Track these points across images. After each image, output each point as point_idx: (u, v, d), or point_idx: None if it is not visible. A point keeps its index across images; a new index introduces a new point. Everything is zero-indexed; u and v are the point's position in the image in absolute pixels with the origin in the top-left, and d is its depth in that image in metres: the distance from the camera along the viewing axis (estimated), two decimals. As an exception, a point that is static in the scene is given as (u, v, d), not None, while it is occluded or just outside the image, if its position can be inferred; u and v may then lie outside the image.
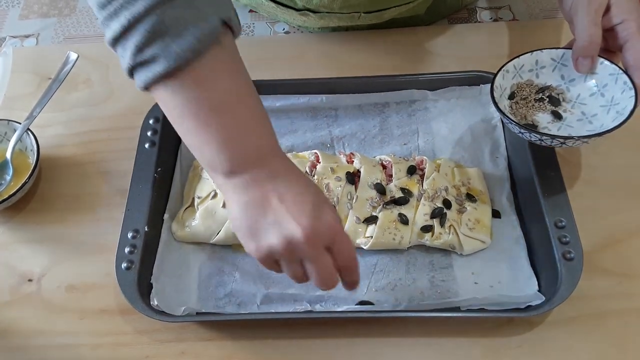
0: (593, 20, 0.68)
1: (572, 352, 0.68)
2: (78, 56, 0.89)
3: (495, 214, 0.76)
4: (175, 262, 0.74)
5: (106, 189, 0.83)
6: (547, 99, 0.76)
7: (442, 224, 0.73)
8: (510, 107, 0.76)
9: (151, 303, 0.68)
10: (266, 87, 0.86)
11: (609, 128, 0.68)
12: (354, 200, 0.75)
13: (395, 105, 0.86)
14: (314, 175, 0.77)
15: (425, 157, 0.79)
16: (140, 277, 0.70)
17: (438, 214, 0.74)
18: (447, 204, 0.74)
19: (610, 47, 0.71)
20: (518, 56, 0.76)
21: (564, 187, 0.74)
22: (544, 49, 0.75)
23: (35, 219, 0.81)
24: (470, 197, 0.76)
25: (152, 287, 0.70)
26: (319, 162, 0.78)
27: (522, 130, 0.70)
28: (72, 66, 0.89)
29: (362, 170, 0.77)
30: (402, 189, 0.76)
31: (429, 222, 0.73)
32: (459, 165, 0.80)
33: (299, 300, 0.71)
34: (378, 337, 0.70)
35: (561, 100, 0.76)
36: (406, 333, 0.70)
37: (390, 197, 0.76)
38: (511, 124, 0.71)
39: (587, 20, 0.68)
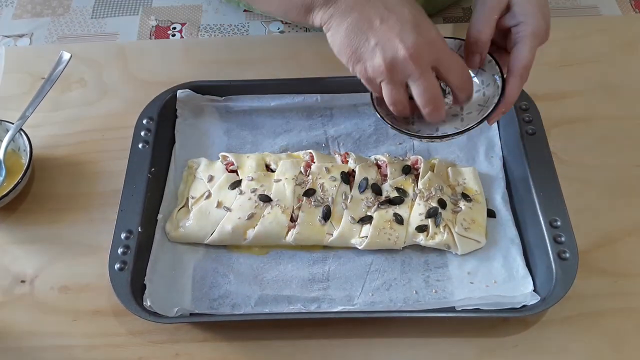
0: (486, 18, 0.66)
1: (568, 352, 0.67)
2: (71, 56, 0.89)
3: (491, 214, 0.76)
4: (169, 263, 0.74)
5: (100, 189, 0.82)
6: None
7: (437, 224, 0.73)
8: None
9: (144, 304, 0.68)
10: (261, 87, 0.86)
11: (448, 134, 0.67)
12: (348, 200, 0.75)
13: (390, 105, 0.86)
14: (308, 175, 0.77)
15: (420, 157, 0.78)
16: (133, 277, 0.70)
17: (433, 214, 0.73)
18: (442, 203, 0.74)
19: (506, 47, 0.69)
20: None
21: (559, 186, 0.74)
22: (445, 37, 0.69)
23: (28, 219, 0.80)
24: (465, 197, 0.76)
25: (145, 288, 0.70)
26: (314, 162, 0.78)
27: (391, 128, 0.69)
28: (65, 66, 0.89)
29: (357, 170, 0.77)
30: (397, 189, 0.76)
31: (424, 222, 0.73)
32: (454, 164, 0.80)
33: (294, 301, 0.71)
34: (373, 337, 0.69)
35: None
36: (401, 333, 0.69)
37: (385, 197, 0.75)
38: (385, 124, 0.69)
39: (481, 17, 0.67)
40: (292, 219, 0.74)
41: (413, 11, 0.60)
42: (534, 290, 0.69)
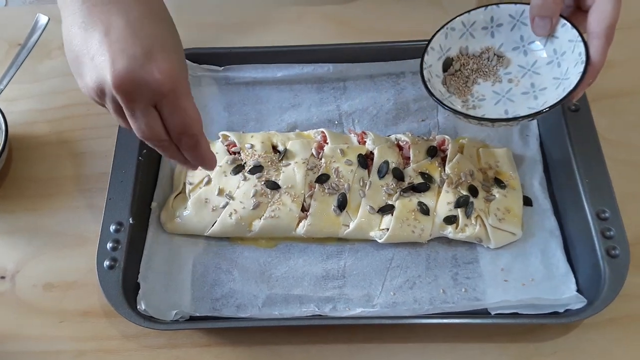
0: None
1: (613, 358, 0.60)
2: (49, 19, 0.78)
3: (527, 201, 0.67)
4: (165, 258, 0.66)
5: (86, 171, 0.74)
6: (487, 67, 0.63)
7: (467, 215, 0.64)
8: (444, 82, 0.63)
9: (138, 307, 0.60)
10: (265, 55, 0.77)
11: (525, 115, 0.56)
12: (367, 187, 0.66)
13: (411, 76, 0.77)
14: (321, 158, 0.68)
15: (447, 137, 0.69)
16: (125, 276, 0.62)
17: (463, 203, 0.65)
18: (473, 191, 0.66)
19: (581, 6, 0.57)
20: (468, 11, 0.63)
21: (607, 172, 0.65)
22: (501, 3, 0.61)
23: (6, 207, 0.72)
24: (499, 183, 0.67)
25: (139, 288, 0.62)
26: (327, 143, 0.69)
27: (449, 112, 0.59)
28: (43, 31, 0.79)
29: (375, 152, 0.68)
30: (422, 174, 0.67)
31: (453, 212, 0.65)
32: (485, 145, 0.71)
33: (306, 302, 0.63)
34: (395, 342, 0.62)
35: (500, 67, 0.62)
36: (426, 338, 0.62)
37: (409, 183, 0.67)
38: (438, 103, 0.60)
39: None
40: (304, 209, 0.66)
41: (153, 31, 0.48)
42: (577, 290, 0.61)
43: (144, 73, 0.46)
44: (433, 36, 0.63)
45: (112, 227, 0.64)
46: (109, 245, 0.63)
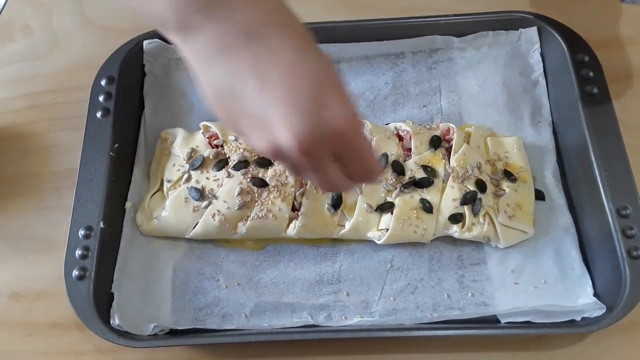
0: None
1: (632, 367, 0.56)
2: (7, -3, 0.71)
3: (539, 196, 0.62)
4: (141, 264, 0.60)
5: (54, 167, 0.68)
6: None
7: (475, 213, 0.59)
8: None
9: (111, 322, 0.54)
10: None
11: None
12: (363, 184, 0.60)
13: (411, 56, 0.70)
14: (313, 151, 0.62)
15: (451, 125, 0.63)
16: (96, 287, 0.56)
17: (470, 200, 0.59)
18: (480, 186, 0.60)
19: None
20: None
21: (628, 163, 0.59)
22: None
23: (-34, 208, 0.65)
24: (509, 176, 0.61)
25: (112, 299, 0.56)
26: (319, 133, 0.62)
27: None
28: (1, 10, 0.71)
29: (373, 144, 0.62)
30: (424, 167, 0.61)
31: (459, 210, 0.59)
32: (494, 133, 0.65)
33: (298, 310, 0.58)
34: (396, 353, 0.57)
35: None
36: (430, 348, 0.57)
37: (410, 178, 0.61)
38: None
39: None
40: (294, 208, 0.60)
41: (320, 74, 0.39)
42: (594, 294, 0.56)
43: (324, 127, 0.38)
44: None
45: (81, 233, 0.58)
46: (78, 252, 0.57)
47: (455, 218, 0.59)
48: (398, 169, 0.61)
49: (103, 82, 0.65)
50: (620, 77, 0.68)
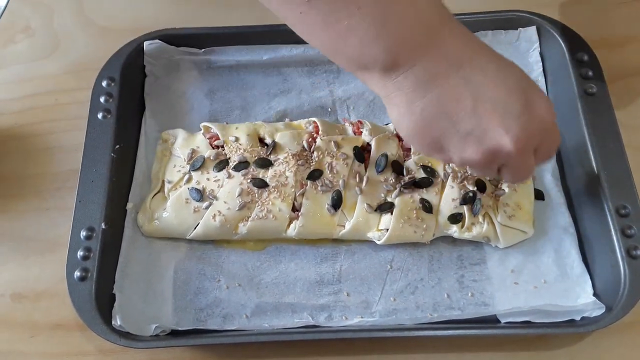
0: None
1: (632, 366, 0.56)
2: (8, 0, 0.71)
3: (538, 195, 0.62)
4: (143, 265, 0.60)
5: (55, 168, 0.68)
6: None
7: (474, 212, 0.59)
8: None
9: (113, 323, 0.55)
10: (250, 36, 0.70)
11: None
12: (363, 184, 0.60)
13: (411, 56, 0.70)
14: (313, 152, 0.62)
15: (451, 125, 0.63)
16: (98, 288, 0.56)
17: (470, 200, 0.59)
18: (480, 185, 0.60)
19: None
20: None
21: (627, 163, 0.59)
22: None
23: (-32, 209, 0.66)
24: (508, 175, 0.61)
25: (114, 299, 0.56)
26: (319, 134, 0.63)
27: None
28: (3, 11, 0.71)
29: (373, 144, 0.62)
30: (424, 167, 0.61)
31: (458, 210, 0.59)
32: (493, 133, 0.65)
33: (298, 310, 0.58)
34: (396, 353, 0.57)
35: None
36: (431, 348, 0.57)
37: (409, 178, 0.61)
38: None
39: None
40: (295, 208, 0.60)
41: (519, 79, 0.45)
42: (593, 294, 0.56)
43: (534, 125, 0.45)
44: None
45: (83, 234, 0.58)
46: (80, 253, 0.57)
47: (455, 218, 0.59)
48: (398, 169, 0.61)
49: (104, 83, 0.65)
50: (619, 76, 0.68)
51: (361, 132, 0.63)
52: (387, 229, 0.59)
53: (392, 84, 0.43)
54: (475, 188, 0.60)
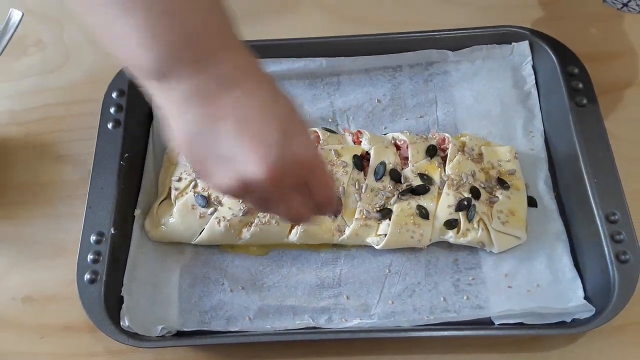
0: None
1: (622, 368, 0.58)
2: (23, 14, 0.73)
3: (531, 202, 0.64)
4: (150, 269, 0.62)
5: (65, 177, 0.70)
6: None
7: (469, 219, 0.61)
8: None
9: (121, 324, 0.57)
10: (253, 50, 0.71)
11: None
12: (362, 190, 0.63)
13: (408, 69, 0.73)
14: (314, 160, 0.64)
15: (447, 135, 0.66)
16: (107, 290, 0.58)
17: (465, 206, 0.61)
18: (475, 193, 0.62)
19: None
20: None
21: (617, 171, 0.61)
22: None
23: (-18, 215, 0.68)
24: (502, 183, 0.64)
25: (122, 301, 0.58)
26: (320, 143, 0.65)
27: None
28: (17, 27, 0.73)
29: (371, 153, 0.64)
30: (421, 175, 0.63)
31: (454, 216, 0.61)
32: (488, 142, 0.67)
33: (300, 312, 0.60)
34: (395, 354, 0.59)
35: None
36: (428, 349, 0.59)
37: (407, 186, 0.63)
38: None
39: None
40: (296, 214, 0.62)
41: (287, 112, 0.44)
42: (584, 297, 0.58)
43: (292, 156, 0.42)
44: None
45: (93, 238, 0.60)
46: (90, 257, 0.59)
47: (451, 224, 0.61)
48: (396, 176, 0.63)
49: (114, 95, 0.68)
50: (609, 89, 0.71)
51: (360, 141, 0.66)
52: (386, 235, 0.61)
53: (165, 95, 0.42)
54: (470, 195, 0.62)
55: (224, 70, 0.42)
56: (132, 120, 0.67)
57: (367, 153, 0.65)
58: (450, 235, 0.61)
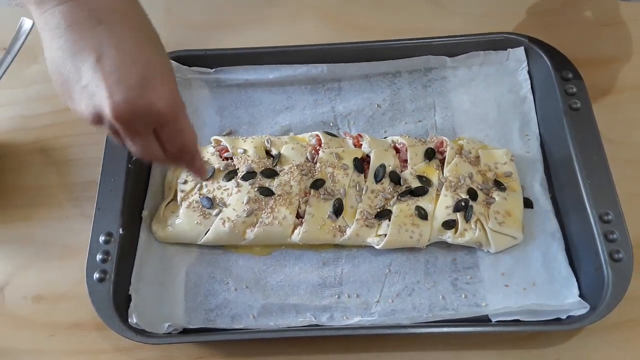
0: None
1: (616, 364, 0.59)
2: (33, 23, 0.76)
3: (527, 204, 0.66)
4: (157, 268, 0.64)
5: (74, 180, 0.72)
6: None
7: (467, 219, 0.63)
8: None
9: (129, 321, 0.59)
10: (257, 56, 0.75)
11: None
12: (363, 192, 0.65)
13: (407, 75, 0.75)
14: (315, 163, 0.66)
15: (445, 138, 0.68)
16: (116, 289, 0.60)
17: (462, 207, 0.63)
18: (472, 194, 0.64)
19: None
20: None
21: (610, 173, 0.63)
22: None
23: (-7, 217, 0.70)
24: (499, 185, 0.65)
25: (130, 300, 0.60)
26: (322, 147, 0.67)
27: None
28: (28, 35, 0.76)
29: (372, 155, 0.66)
30: (420, 177, 0.65)
31: (452, 217, 0.63)
32: (485, 146, 0.69)
33: (302, 311, 0.62)
34: (394, 351, 0.61)
35: None
36: (427, 346, 0.61)
37: (406, 187, 0.65)
38: None
39: None
40: (299, 215, 0.64)
41: (146, 56, 0.46)
42: (579, 295, 0.60)
43: (143, 103, 0.45)
44: None
45: (102, 238, 0.62)
46: (99, 257, 0.61)
47: (449, 224, 0.63)
48: (395, 178, 0.65)
49: (122, 100, 0.70)
50: (602, 93, 0.73)
51: (361, 144, 0.68)
52: (386, 235, 0.63)
53: (42, 19, 0.46)
54: (467, 196, 0.64)
55: (96, 4, 0.45)
56: (139, 124, 0.69)
57: (368, 156, 0.67)
58: (449, 236, 0.63)
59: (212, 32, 0.82)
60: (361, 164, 0.66)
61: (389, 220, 0.63)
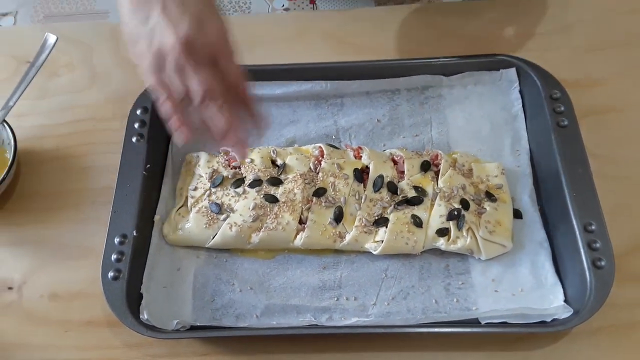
0: None
1: (600, 367, 0.62)
2: (57, 39, 0.81)
3: (517, 214, 0.70)
4: (167, 269, 0.68)
5: (91, 185, 0.76)
6: None
7: (459, 227, 0.67)
8: None
9: (141, 317, 0.62)
10: (265, 73, 0.79)
11: None
12: (362, 201, 0.69)
13: (406, 92, 0.79)
14: (318, 173, 0.71)
15: (440, 152, 0.72)
16: (129, 287, 0.64)
17: (455, 216, 0.67)
18: (464, 204, 0.68)
19: None
20: None
21: (594, 186, 0.67)
22: None
23: (14, 219, 0.74)
24: (490, 196, 0.69)
25: (142, 298, 0.64)
26: (324, 157, 0.71)
27: None
28: (51, 50, 0.81)
29: (371, 167, 0.71)
30: (416, 188, 0.69)
31: (445, 225, 0.67)
32: (477, 160, 0.74)
33: (303, 311, 0.65)
34: (389, 351, 0.64)
35: None
36: (419, 347, 0.64)
37: (403, 197, 0.69)
38: None
39: None
40: (301, 221, 0.68)
41: (201, 7, 0.57)
42: (565, 300, 0.63)
43: (202, 34, 0.55)
44: None
45: (117, 240, 0.66)
46: (114, 256, 0.65)
47: (442, 232, 0.67)
48: (392, 188, 0.69)
49: (138, 112, 0.74)
50: (588, 113, 0.76)
51: (361, 156, 0.72)
52: (383, 241, 0.67)
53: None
54: (460, 206, 0.68)
55: None
56: (153, 134, 0.74)
57: (367, 167, 0.71)
58: (442, 243, 0.67)
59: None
60: (361, 174, 0.70)
61: (386, 227, 0.67)
